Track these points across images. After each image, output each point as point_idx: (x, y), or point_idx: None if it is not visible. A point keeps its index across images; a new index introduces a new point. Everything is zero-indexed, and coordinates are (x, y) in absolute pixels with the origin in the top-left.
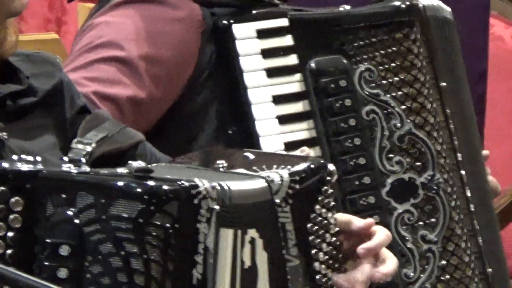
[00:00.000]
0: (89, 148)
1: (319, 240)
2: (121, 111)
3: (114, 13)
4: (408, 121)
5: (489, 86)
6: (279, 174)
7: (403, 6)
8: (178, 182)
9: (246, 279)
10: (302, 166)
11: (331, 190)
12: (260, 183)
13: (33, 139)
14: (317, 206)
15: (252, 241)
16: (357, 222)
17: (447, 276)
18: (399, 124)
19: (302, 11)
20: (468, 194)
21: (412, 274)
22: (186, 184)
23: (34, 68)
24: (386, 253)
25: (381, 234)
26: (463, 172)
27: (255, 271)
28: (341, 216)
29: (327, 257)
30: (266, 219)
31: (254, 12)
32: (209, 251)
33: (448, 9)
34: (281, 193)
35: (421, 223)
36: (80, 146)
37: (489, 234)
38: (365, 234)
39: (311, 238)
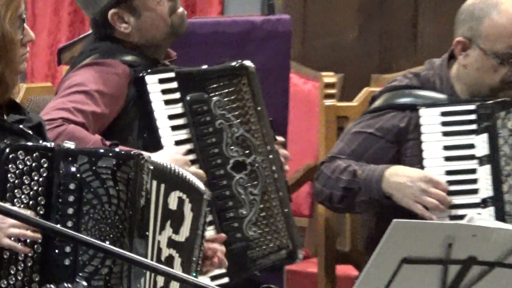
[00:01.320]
0: None
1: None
2: (88, 121)
3: (80, 71)
4: (241, 128)
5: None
6: None
7: (237, 65)
8: (133, 151)
9: (171, 216)
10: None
11: (207, 209)
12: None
13: None
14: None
15: (181, 198)
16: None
17: (263, 214)
18: (236, 130)
19: (182, 68)
20: (274, 168)
21: (245, 212)
22: (137, 152)
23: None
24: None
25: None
26: (271, 156)
27: (182, 216)
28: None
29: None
30: (187, 186)
31: (156, 69)
32: (147, 191)
33: (253, 65)
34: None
35: (249, 184)
36: None
37: (285, 191)
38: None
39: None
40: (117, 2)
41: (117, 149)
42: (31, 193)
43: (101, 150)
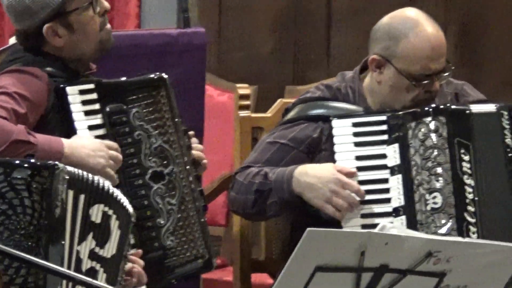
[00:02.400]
0: None
1: None
2: (10, 117)
3: (1, 77)
4: (159, 139)
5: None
6: None
7: (156, 77)
8: (48, 162)
9: (94, 229)
10: None
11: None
12: None
13: None
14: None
15: (106, 212)
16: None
17: (181, 223)
18: (154, 141)
19: (102, 80)
20: (190, 179)
21: (162, 221)
22: (52, 163)
23: None
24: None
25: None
26: (188, 167)
27: (108, 231)
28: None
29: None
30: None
31: (76, 80)
32: (63, 200)
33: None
34: None
35: (167, 194)
36: None
37: (201, 201)
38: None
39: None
40: (54, 16)
41: (32, 160)
42: None
43: (16, 161)
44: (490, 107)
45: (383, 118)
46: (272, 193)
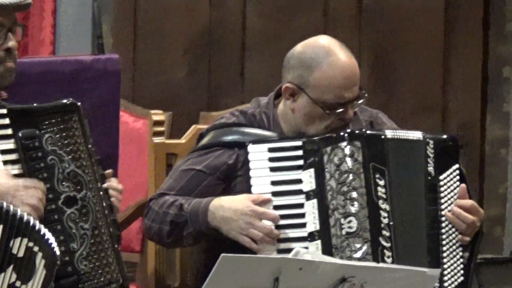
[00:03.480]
0: None
1: None
2: None
3: None
4: (72, 164)
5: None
6: None
7: (68, 103)
8: None
9: (15, 262)
10: None
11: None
12: None
13: None
14: None
15: (31, 248)
16: None
17: (94, 248)
18: (67, 166)
19: (14, 105)
20: (104, 204)
21: (76, 246)
22: None
23: None
24: None
25: None
26: (101, 192)
27: (32, 267)
28: None
29: None
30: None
31: None
32: None
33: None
34: None
35: (80, 219)
36: None
37: (114, 227)
38: None
39: None
40: None
41: None
42: None
43: None
44: (417, 135)
45: (299, 143)
46: (188, 225)
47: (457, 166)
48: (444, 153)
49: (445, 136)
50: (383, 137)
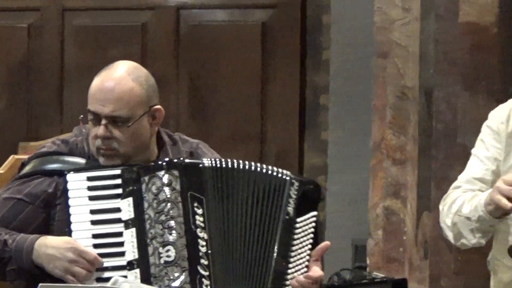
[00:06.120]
0: None
1: None
2: None
3: None
4: None
5: None
6: None
7: None
8: None
9: None
10: None
11: None
12: None
13: None
14: None
15: None
16: None
17: None
18: None
19: None
20: None
21: None
22: None
23: None
24: None
25: None
26: None
27: None
28: None
29: None
30: None
31: None
32: None
33: None
34: None
35: None
36: None
37: None
38: None
39: None
40: None
41: None
42: None
43: None
44: (284, 173)
45: (117, 172)
46: (11, 261)
47: (315, 213)
48: (306, 198)
49: (310, 180)
50: (201, 165)
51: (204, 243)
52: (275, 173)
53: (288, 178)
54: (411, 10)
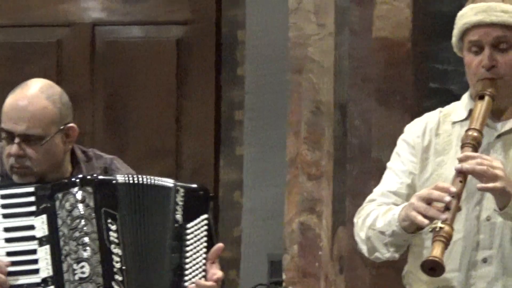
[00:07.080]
0: None
1: None
2: None
3: None
4: None
5: None
6: None
7: None
8: None
9: None
10: None
11: None
12: None
13: None
14: None
15: None
16: None
17: None
18: None
19: None
20: None
21: None
22: None
23: None
24: None
25: None
26: None
27: None
28: None
29: None
30: None
31: None
32: None
33: None
34: None
35: None
36: None
37: None
38: None
39: None
40: None
41: None
42: None
43: None
44: (168, 182)
45: (31, 189)
46: None
47: (206, 216)
48: (193, 202)
49: (196, 186)
50: (114, 182)
51: (118, 259)
52: (160, 183)
53: (172, 185)
54: (325, 25)
